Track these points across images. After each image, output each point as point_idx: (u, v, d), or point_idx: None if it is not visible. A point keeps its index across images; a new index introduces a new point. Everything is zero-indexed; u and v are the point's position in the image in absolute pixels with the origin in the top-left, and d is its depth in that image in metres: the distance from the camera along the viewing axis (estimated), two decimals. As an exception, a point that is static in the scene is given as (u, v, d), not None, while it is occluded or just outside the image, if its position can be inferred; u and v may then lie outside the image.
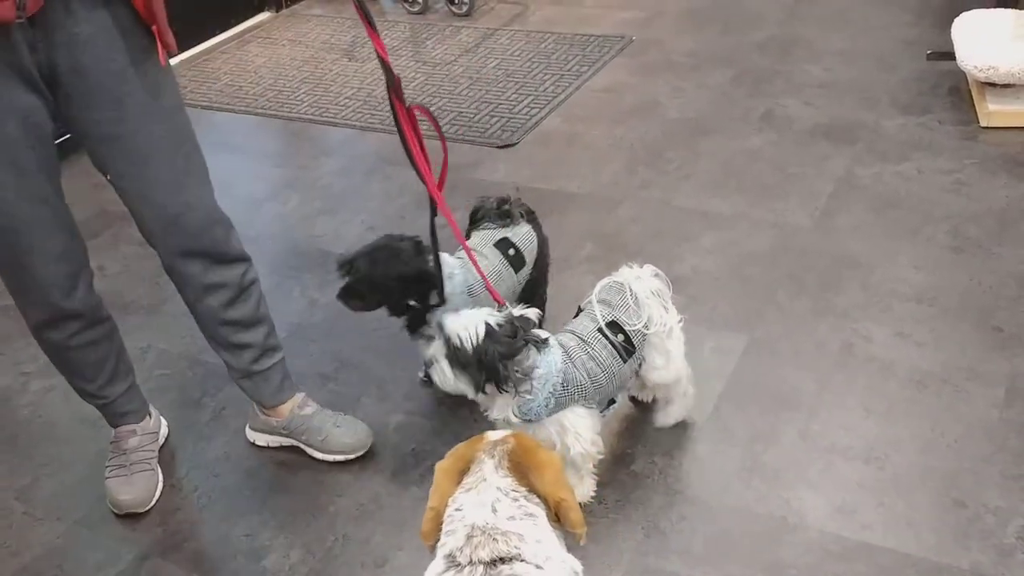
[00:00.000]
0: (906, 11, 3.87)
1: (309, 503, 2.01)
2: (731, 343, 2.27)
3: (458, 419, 2.15)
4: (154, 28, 1.66)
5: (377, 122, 3.51)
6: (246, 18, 4.62)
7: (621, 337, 1.83)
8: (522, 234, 2.13)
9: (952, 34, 3.15)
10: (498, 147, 3.29)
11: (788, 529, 1.80)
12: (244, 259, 1.94)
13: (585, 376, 1.79)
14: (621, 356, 1.83)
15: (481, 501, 1.28)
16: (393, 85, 1.78)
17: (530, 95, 3.60)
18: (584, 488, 1.88)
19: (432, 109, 3.55)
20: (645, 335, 1.87)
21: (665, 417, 2.05)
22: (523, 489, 1.32)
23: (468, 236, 2.13)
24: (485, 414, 1.83)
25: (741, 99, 3.38)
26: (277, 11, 4.73)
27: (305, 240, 2.89)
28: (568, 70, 3.76)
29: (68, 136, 1.78)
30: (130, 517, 2.02)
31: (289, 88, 3.90)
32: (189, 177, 1.81)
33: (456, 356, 1.69)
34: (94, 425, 2.24)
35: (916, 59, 3.43)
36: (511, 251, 2.08)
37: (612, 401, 1.91)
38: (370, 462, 2.08)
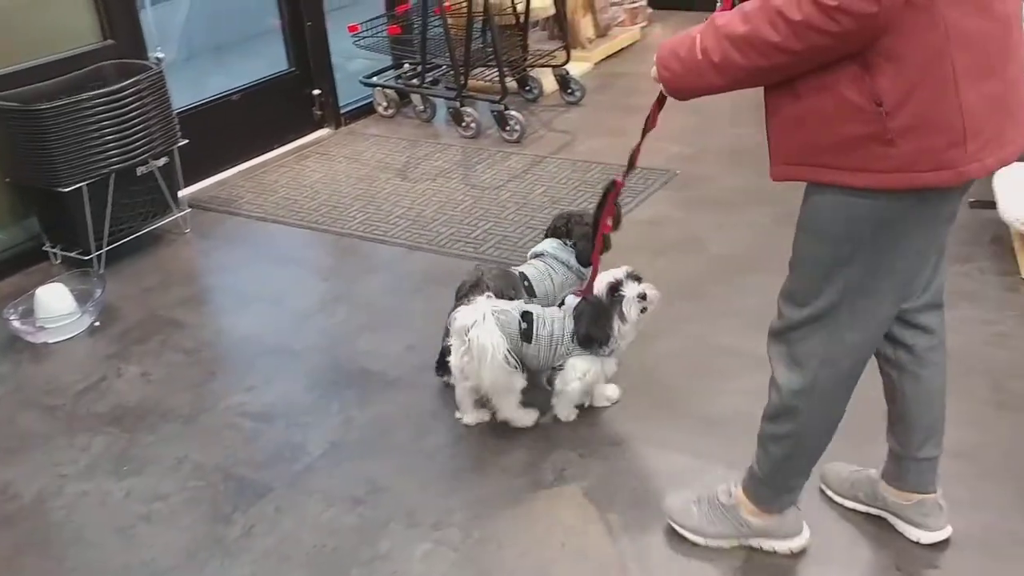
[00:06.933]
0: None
1: (331, 630, 1.99)
2: (765, 489, 2.24)
3: (486, 553, 2.13)
4: None
5: (425, 242, 3.60)
6: (305, 133, 4.80)
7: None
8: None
9: (994, 184, 3.19)
10: (541, 273, 3.34)
11: None
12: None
13: None
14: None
15: None
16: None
17: (575, 223, 3.67)
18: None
19: (478, 232, 3.64)
20: None
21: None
22: None
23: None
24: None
25: (782, 238, 3.37)
26: (336, 128, 4.91)
27: (348, 356, 2.93)
28: (613, 200, 3.84)
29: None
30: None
31: (343, 204, 4.02)
32: None
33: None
34: (125, 534, 2.27)
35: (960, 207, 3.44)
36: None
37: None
38: (395, 591, 2.07)
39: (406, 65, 5.12)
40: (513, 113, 4.52)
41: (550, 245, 2.81)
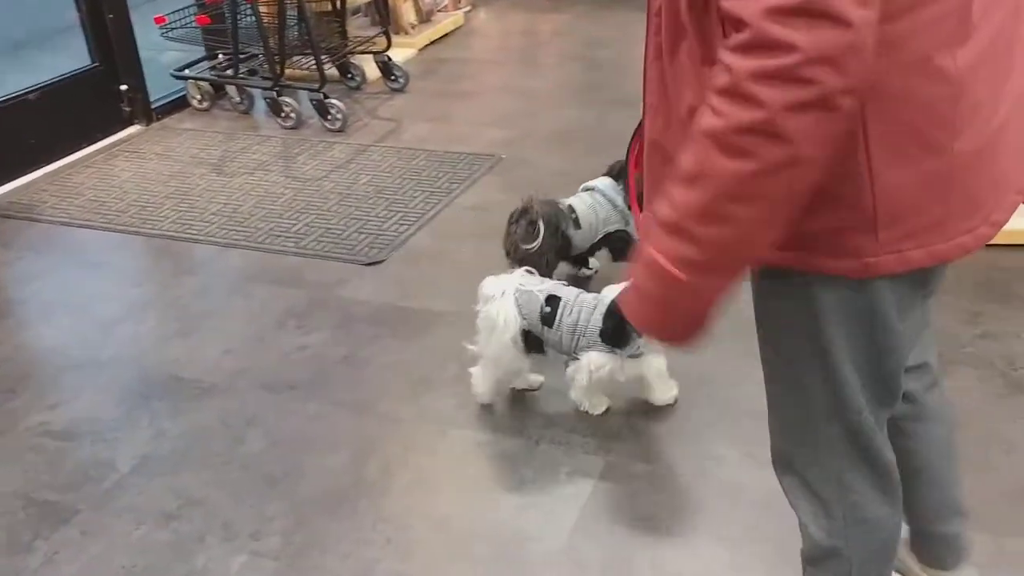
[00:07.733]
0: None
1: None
2: (587, 466, 2.27)
3: (308, 558, 2.07)
4: None
5: (242, 239, 3.46)
6: (114, 131, 4.53)
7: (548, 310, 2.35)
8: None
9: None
10: (365, 264, 3.27)
11: (639, 665, 1.77)
12: None
13: None
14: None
15: None
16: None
17: (400, 212, 3.62)
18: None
19: (299, 226, 3.53)
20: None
21: None
22: None
23: None
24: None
25: (604, 217, 3.46)
26: (147, 124, 4.66)
27: (157, 364, 2.79)
28: (438, 187, 3.81)
29: None
30: None
31: (154, 203, 3.82)
32: None
33: None
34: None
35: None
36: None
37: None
38: (212, 607, 1.98)
39: (220, 56, 4.92)
40: (334, 102, 4.42)
41: (603, 182, 2.96)
